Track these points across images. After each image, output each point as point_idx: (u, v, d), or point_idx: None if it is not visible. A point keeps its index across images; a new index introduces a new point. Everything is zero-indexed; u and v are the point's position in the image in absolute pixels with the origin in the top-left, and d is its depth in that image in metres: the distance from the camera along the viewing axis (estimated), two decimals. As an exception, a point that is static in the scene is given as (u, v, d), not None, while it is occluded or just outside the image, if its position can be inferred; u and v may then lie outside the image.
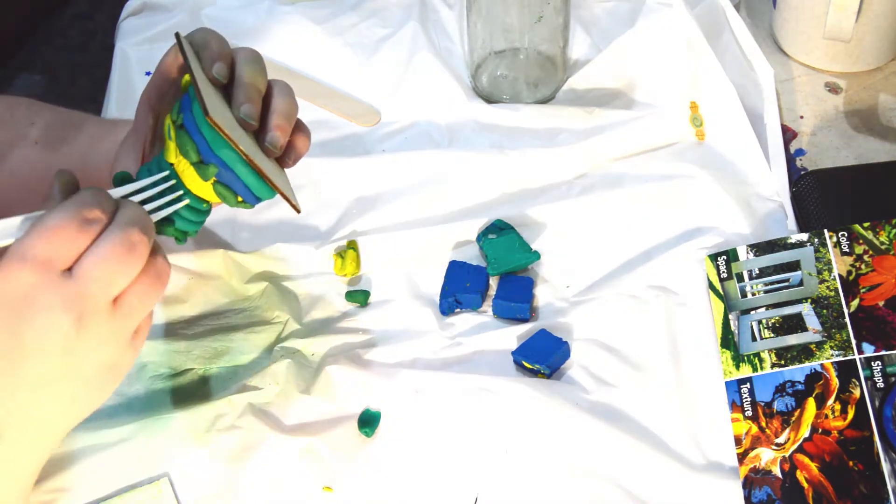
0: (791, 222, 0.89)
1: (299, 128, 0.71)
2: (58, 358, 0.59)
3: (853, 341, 0.76)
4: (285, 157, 0.71)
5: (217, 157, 0.65)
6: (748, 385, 0.77)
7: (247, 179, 0.67)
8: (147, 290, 0.60)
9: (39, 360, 0.59)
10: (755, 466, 0.74)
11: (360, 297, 0.86)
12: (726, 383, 0.78)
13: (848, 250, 0.79)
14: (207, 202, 0.68)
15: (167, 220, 0.67)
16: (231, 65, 0.68)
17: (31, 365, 0.59)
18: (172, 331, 0.83)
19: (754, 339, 0.79)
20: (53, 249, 0.58)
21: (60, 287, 0.58)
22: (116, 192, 0.64)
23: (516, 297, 0.84)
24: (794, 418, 0.74)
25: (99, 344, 0.60)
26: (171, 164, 0.67)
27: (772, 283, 0.80)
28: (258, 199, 0.69)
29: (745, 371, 0.78)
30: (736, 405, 0.77)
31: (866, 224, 0.80)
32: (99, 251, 0.58)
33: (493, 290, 0.86)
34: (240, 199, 0.68)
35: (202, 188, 0.67)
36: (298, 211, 0.70)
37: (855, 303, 0.77)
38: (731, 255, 0.83)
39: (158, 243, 0.62)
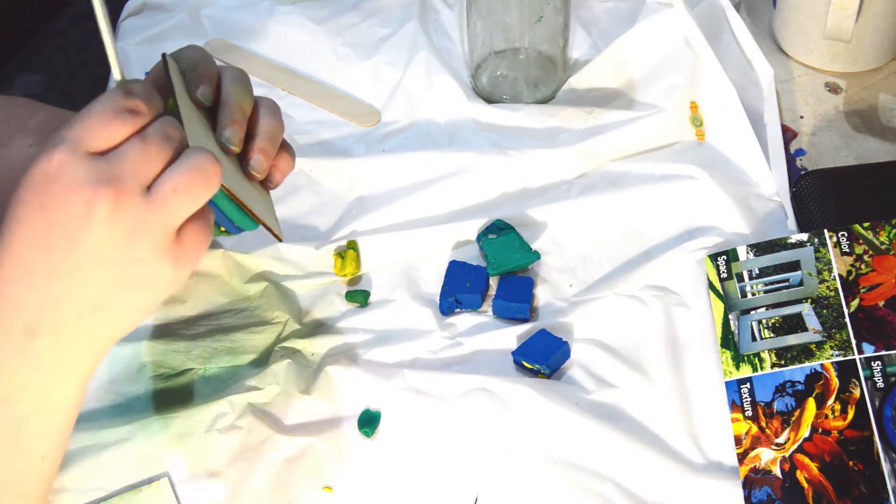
0: (791, 222, 0.89)
1: (283, 147, 0.70)
2: (86, 239, 0.57)
3: (853, 341, 0.76)
4: (268, 179, 0.70)
5: None
6: (748, 385, 0.77)
7: (230, 214, 0.67)
8: (184, 181, 0.58)
9: (69, 241, 0.57)
10: (755, 466, 0.74)
11: (360, 297, 0.86)
12: (726, 383, 0.78)
13: (848, 250, 0.79)
14: None
15: None
16: (217, 86, 0.67)
17: (61, 247, 0.57)
18: (172, 331, 0.83)
19: (754, 339, 0.79)
20: (86, 131, 0.57)
21: (88, 163, 0.56)
22: None
23: (516, 297, 0.84)
24: (794, 418, 0.74)
25: (130, 233, 0.57)
26: None
27: (772, 283, 0.80)
28: (240, 230, 0.68)
29: (745, 371, 0.78)
30: (736, 405, 0.77)
31: (866, 224, 0.80)
32: (137, 138, 0.57)
33: (493, 290, 0.86)
34: (222, 229, 0.68)
35: None
36: (280, 239, 0.70)
37: (855, 303, 0.77)
38: (731, 255, 0.83)
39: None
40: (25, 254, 0.57)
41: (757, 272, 0.81)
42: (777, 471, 0.73)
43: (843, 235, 0.80)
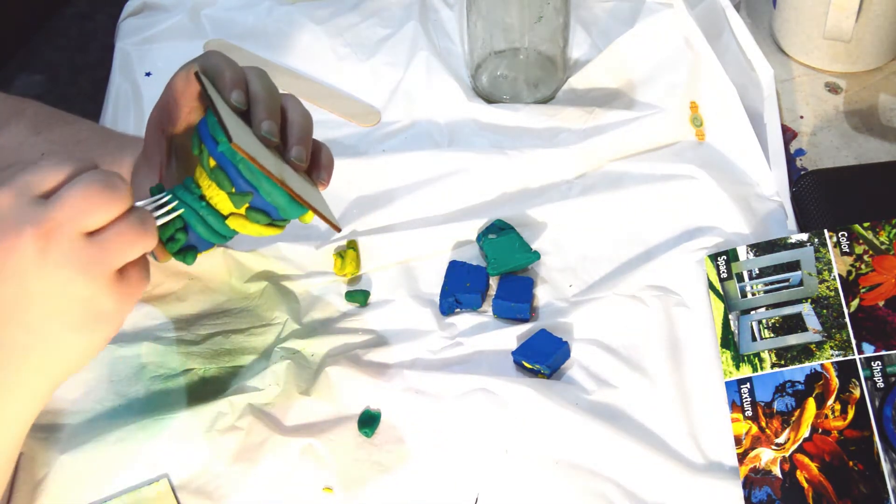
0: (791, 222, 0.89)
1: (319, 145, 0.73)
2: (30, 280, 0.59)
3: (853, 341, 0.76)
4: (315, 174, 0.72)
5: (249, 184, 0.66)
6: (748, 385, 0.77)
7: (276, 201, 0.67)
8: (127, 230, 0.60)
9: (10, 282, 0.59)
10: (755, 466, 0.74)
11: (360, 297, 0.86)
12: (726, 383, 0.78)
13: (848, 250, 0.79)
14: (233, 230, 0.69)
15: (182, 231, 0.68)
16: (245, 88, 0.70)
17: (4, 287, 0.59)
18: (172, 331, 0.83)
19: (754, 339, 0.79)
20: (31, 176, 0.59)
21: (31, 207, 0.59)
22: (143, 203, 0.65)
23: (516, 297, 0.84)
24: (794, 418, 0.74)
25: (71, 273, 0.59)
26: (200, 187, 0.68)
27: (772, 283, 0.80)
28: (285, 220, 0.69)
29: (745, 371, 0.78)
30: (736, 405, 0.77)
31: (866, 224, 0.80)
32: (77, 181, 0.59)
33: (493, 290, 0.86)
34: (271, 223, 0.69)
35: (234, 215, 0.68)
36: (338, 229, 0.71)
37: (855, 303, 0.77)
38: (731, 255, 0.83)
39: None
40: None
41: (757, 272, 0.81)
42: (777, 471, 0.73)
43: (843, 235, 0.80)
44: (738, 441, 0.75)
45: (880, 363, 0.74)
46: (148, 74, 1.05)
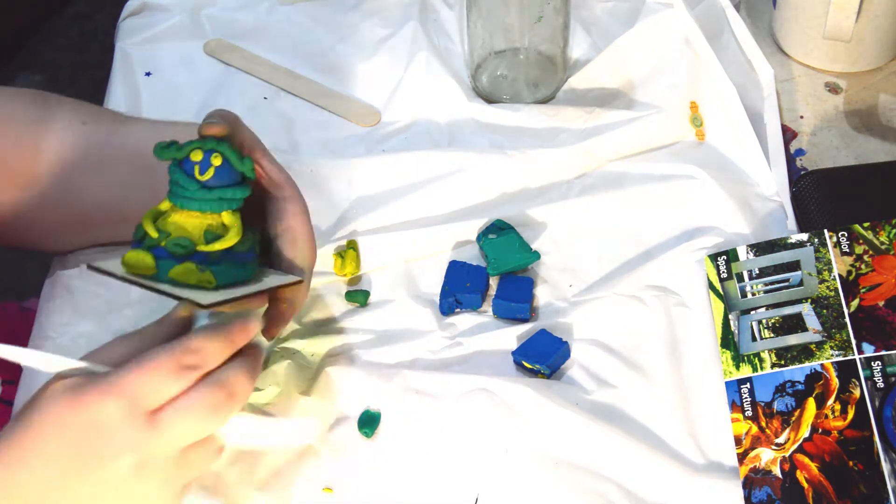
0: (791, 222, 0.89)
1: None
2: (121, 490, 0.62)
3: (853, 341, 0.76)
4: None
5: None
6: (748, 385, 0.77)
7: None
8: (214, 443, 0.64)
9: (102, 486, 0.61)
10: (755, 466, 0.74)
11: (360, 297, 0.86)
12: (726, 383, 0.78)
13: (848, 250, 0.79)
14: None
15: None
16: None
17: (89, 484, 0.61)
18: (172, 331, 0.83)
19: (754, 339, 0.79)
20: (145, 388, 0.60)
21: (138, 431, 0.60)
22: None
23: (516, 297, 0.84)
24: (794, 418, 0.74)
25: (154, 487, 0.62)
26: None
27: (772, 283, 0.80)
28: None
29: (745, 371, 0.78)
30: (736, 405, 0.77)
31: (866, 224, 0.80)
32: (184, 403, 0.61)
33: (493, 290, 0.86)
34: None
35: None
36: (300, 282, 0.74)
37: (855, 303, 0.77)
38: (731, 255, 0.83)
39: None
40: (46, 468, 0.61)
41: (757, 272, 0.81)
42: (777, 471, 0.73)
43: (843, 235, 0.80)
44: (738, 441, 0.75)
45: (880, 363, 0.74)
46: (148, 74, 1.05)
